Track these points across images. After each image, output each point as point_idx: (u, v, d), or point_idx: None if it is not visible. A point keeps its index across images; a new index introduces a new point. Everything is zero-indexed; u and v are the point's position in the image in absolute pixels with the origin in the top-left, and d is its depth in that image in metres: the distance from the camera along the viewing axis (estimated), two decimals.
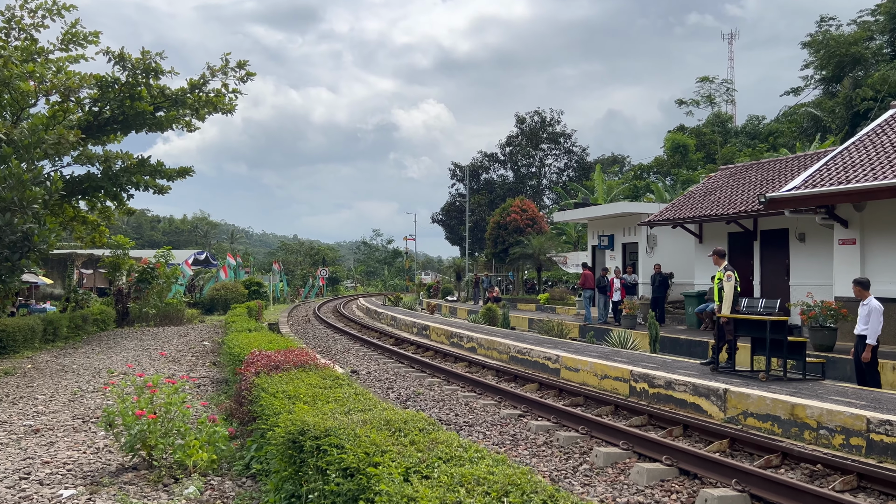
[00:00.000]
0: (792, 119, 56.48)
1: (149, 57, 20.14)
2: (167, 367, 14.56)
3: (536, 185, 57.77)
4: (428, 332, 19.74)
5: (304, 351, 8.72)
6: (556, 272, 36.40)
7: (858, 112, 49.27)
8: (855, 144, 15.80)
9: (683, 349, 16.40)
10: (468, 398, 9.60)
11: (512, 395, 9.34)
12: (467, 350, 16.21)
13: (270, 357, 7.95)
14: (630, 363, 11.17)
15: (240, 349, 10.39)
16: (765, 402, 8.00)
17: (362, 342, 18.13)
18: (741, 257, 18.96)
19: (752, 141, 57.17)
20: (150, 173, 23.19)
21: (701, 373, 10.14)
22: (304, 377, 7.21)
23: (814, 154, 19.53)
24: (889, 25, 56.38)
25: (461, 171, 58.43)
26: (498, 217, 34.96)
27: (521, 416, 8.36)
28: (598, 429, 7.31)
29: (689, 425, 7.62)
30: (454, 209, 57.80)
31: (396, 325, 23.71)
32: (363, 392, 6.50)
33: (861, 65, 55.37)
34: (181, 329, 24.78)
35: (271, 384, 6.95)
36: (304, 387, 6.67)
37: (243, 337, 11.67)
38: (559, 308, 27.34)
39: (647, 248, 22.33)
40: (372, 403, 6.00)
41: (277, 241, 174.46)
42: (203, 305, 37.33)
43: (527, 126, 57.81)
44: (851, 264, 14.95)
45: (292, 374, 7.47)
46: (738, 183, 19.81)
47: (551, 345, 14.33)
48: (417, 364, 13.31)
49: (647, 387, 9.95)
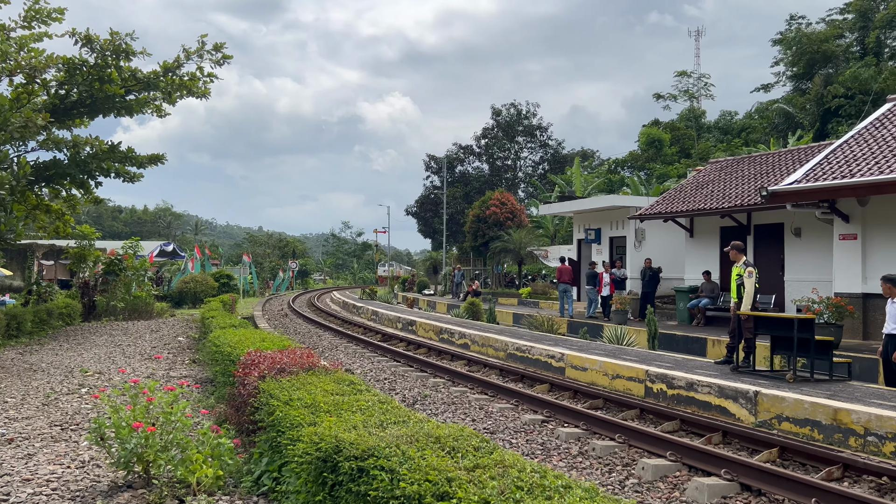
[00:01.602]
0: (764, 115, 56.94)
1: (118, 38, 19.05)
2: (144, 365, 13.70)
3: (512, 177, 57.34)
4: (415, 327, 19.09)
5: (307, 351, 8.02)
6: (534, 266, 35.99)
7: (830, 109, 49.80)
8: (854, 138, 15.55)
9: (680, 346, 16.02)
10: (480, 401, 8.99)
11: (529, 398, 8.76)
12: (459, 347, 15.61)
13: (275, 359, 7.24)
14: (641, 362, 10.69)
15: (231, 348, 9.63)
16: (802, 405, 7.54)
17: (349, 338, 17.42)
18: None
19: (724, 136, 57.51)
20: (121, 160, 22.10)
21: (721, 373, 9.68)
22: (317, 382, 6.53)
23: (807, 148, 19.32)
24: (859, 23, 57.13)
25: (436, 162, 57.71)
26: (477, 210, 34.40)
27: (545, 422, 7.79)
28: (636, 437, 6.77)
29: (728, 431, 7.13)
30: (429, 202, 57.08)
31: (379, 319, 23.02)
32: (388, 400, 5.84)
33: (831, 62, 56.01)
34: (152, 324, 23.76)
35: (281, 390, 6.26)
36: (321, 393, 6.01)
37: (231, 334, 10.87)
38: (542, 303, 26.90)
39: (636, 242, 21.98)
40: (403, 413, 5.37)
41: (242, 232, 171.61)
42: (172, 299, 36.12)
43: (502, 118, 57.30)
44: (852, 260, 14.71)
45: (302, 378, 6.78)
46: (730, 177, 19.52)
47: (551, 342, 13.81)
48: (414, 362, 12.67)
49: (666, 388, 9.46)
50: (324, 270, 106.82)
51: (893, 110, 16.17)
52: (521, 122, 57.29)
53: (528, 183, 55.61)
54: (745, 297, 10.16)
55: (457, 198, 53.50)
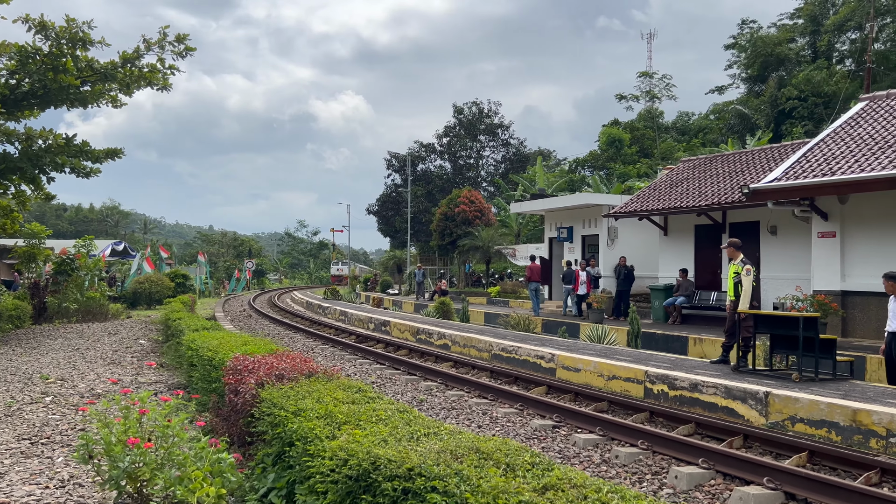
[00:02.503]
0: (720, 116, 57.96)
1: (75, 26, 18.07)
2: (108, 370, 12.92)
3: (475, 176, 57.08)
4: (388, 328, 18.59)
5: (300, 355, 7.51)
6: (500, 265, 35.77)
7: (784, 111, 50.90)
8: (831, 136, 15.65)
9: (660, 345, 15.90)
10: (481, 406, 8.58)
11: (533, 402, 8.39)
12: (439, 347, 15.19)
13: (272, 364, 6.71)
14: (637, 362, 10.43)
15: (211, 352, 9.00)
16: (818, 406, 7.35)
17: (323, 339, 16.82)
18: (709, 250, 18.70)
19: (682, 136, 58.35)
20: (76, 154, 21.03)
21: (722, 373, 9.48)
22: (323, 389, 6.03)
23: (779, 147, 19.47)
24: (809, 28, 58.59)
25: (398, 160, 57.08)
26: (445, 208, 33.97)
27: (557, 427, 7.43)
28: (659, 442, 6.46)
29: (748, 435, 6.87)
30: (390, 200, 56.41)
31: (348, 320, 22.42)
32: (407, 408, 5.38)
33: (784, 65, 57.32)
34: (108, 326, 22.71)
35: (286, 399, 5.75)
36: (331, 402, 5.52)
37: (209, 337, 10.21)
38: (512, 301, 26.64)
39: (608, 241, 21.87)
40: (431, 424, 4.92)
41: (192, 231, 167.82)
42: (126, 300, 34.78)
43: (464, 117, 57.02)
44: (831, 258, 14.78)
45: (304, 385, 6.27)
46: (704, 175, 19.54)
47: (536, 342, 13.49)
48: (399, 364, 12.20)
49: (668, 389, 9.20)
50: (279, 270, 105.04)
51: (867, 109, 16.34)
52: (482, 121, 57.09)
53: (490, 182, 55.44)
54: (743, 295, 9.98)
55: (419, 196, 53.01)
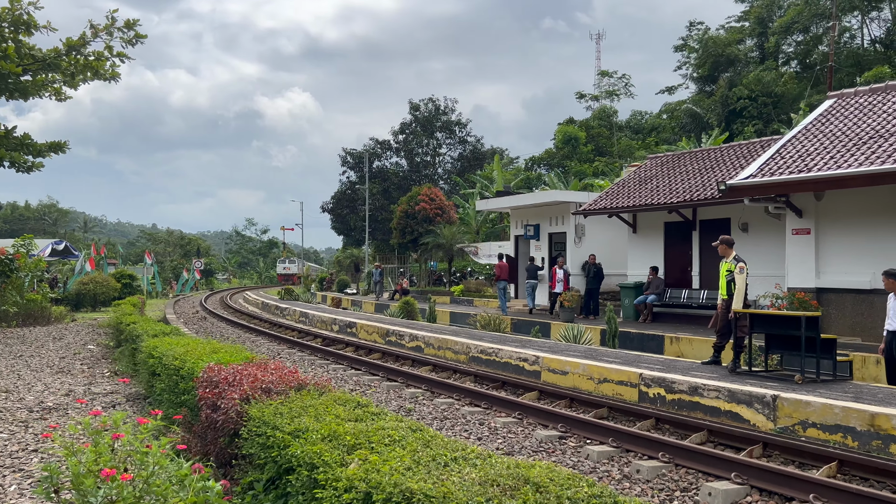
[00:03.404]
0: (672, 115, 58.72)
1: (19, 7, 16.83)
2: (57, 380, 11.93)
3: (432, 173, 56.47)
4: (355, 329, 17.89)
5: (282, 365, 6.84)
6: (460, 263, 35.31)
7: (735, 110, 51.85)
8: (803, 133, 15.62)
9: (635, 344, 15.65)
10: (475, 415, 8.04)
11: (532, 410, 7.87)
12: (411, 350, 14.59)
13: (255, 376, 6.04)
14: (627, 364, 10.05)
15: (178, 361, 8.20)
16: (832, 410, 7.04)
17: (287, 343, 16.03)
18: (679, 248, 18.57)
19: (636, 135, 58.95)
20: (15, 147, 19.71)
21: (720, 375, 9.15)
22: (318, 404, 5.39)
23: (747, 144, 19.47)
24: (757, 29, 59.85)
25: (353, 157, 56.04)
26: (405, 206, 33.32)
27: (563, 438, 6.93)
28: (680, 454, 6.02)
29: (768, 443, 6.50)
30: (345, 197, 55.33)
31: (310, 321, 21.62)
32: (421, 426, 4.80)
33: (734, 65, 58.42)
34: (52, 330, 21.42)
35: (279, 417, 5.11)
36: (333, 420, 4.89)
37: (171, 343, 9.37)
38: (476, 300, 26.20)
39: (576, 238, 21.60)
40: (453, 445, 4.36)
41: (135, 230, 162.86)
42: (69, 302, 33.10)
43: (421, 113, 56.34)
44: (805, 255, 14.72)
45: (296, 399, 5.61)
46: (673, 172, 19.41)
47: (517, 343, 13.02)
48: (377, 370, 11.55)
49: (665, 392, 8.82)
50: (228, 270, 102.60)
51: (835, 106, 16.39)
52: (439, 118, 56.51)
53: (447, 179, 54.94)
54: (737, 293, 9.68)
55: (375, 194, 52.17)
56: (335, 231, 62.95)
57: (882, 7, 53.67)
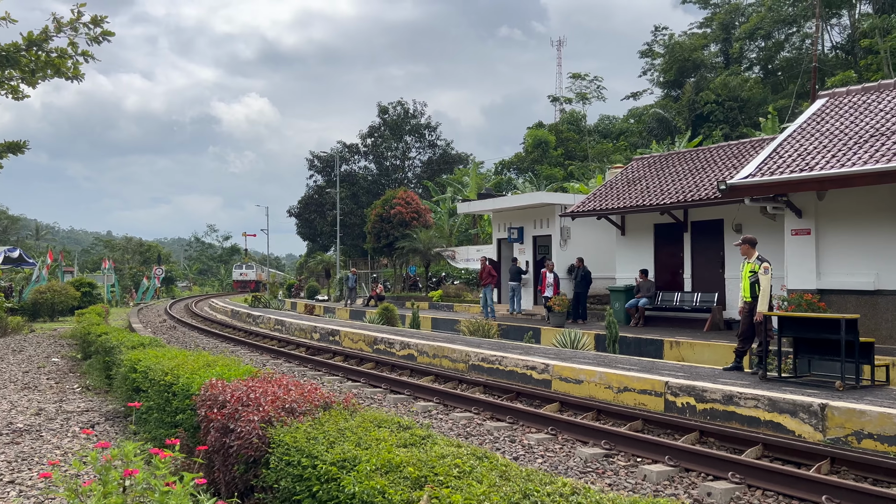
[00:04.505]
0: (639, 120, 59.01)
1: None
2: (24, 397, 10.93)
3: (401, 177, 55.67)
4: (338, 337, 17.08)
5: (298, 381, 6.10)
6: (435, 267, 34.63)
7: (701, 114, 52.29)
8: (799, 132, 15.36)
9: (633, 348, 15.15)
10: (502, 430, 7.37)
11: (565, 424, 7.23)
12: (403, 358, 13.87)
13: (275, 394, 5.29)
14: (646, 371, 9.51)
15: (170, 376, 7.36)
16: (891, 420, 6.57)
17: (270, 353, 15.16)
18: (670, 250, 18.21)
19: (603, 139, 59.09)
20: None
21: (751, 382, 8.66)
22: (355, 427, 4.67)
23: (737, 144, 19.22)
24: (721, 35, 60.58)
25: (321, 161, 54.91)
26: (380, 209, 32.50)
27: (609, 457, 6.31)
28: (753, 474, 5.44)
29: (836, 458, 5.98)
30: (313, 202, 54.17)
31: (287, 330, 20.70)
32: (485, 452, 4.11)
33: (699, 70, 59.00)
34: (10, 342, 20.14)
35: (312, 443, 4.39)
36: (381, 446, 4.18)
37: (156, 356, 8.48)
38: (457, 306, 25.54)
39: (561, 241, 21.12)
40: (537, 476, 3.71)
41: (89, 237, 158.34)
42: (25, 311, 31.49)
43: (389, 117, 55.50)
44: (805, 256, 14.43)
45: (326, 421, 4.87)
46: (663, 172, 19.06)
47: (520, 350, 12.40)
48: (376, 380, 10.79)
49: (694, 402, 8.29)
50: (189, 277, 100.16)
51: (828, 105, 16.21)
52: (408, 121, 55.77)
53: (417, 183, 54.24)
54: (762, 295, 9.21)
55: (343, 198, 51.16)
56: (301, 236, 61.70)
57: (841, 14, 54.75)
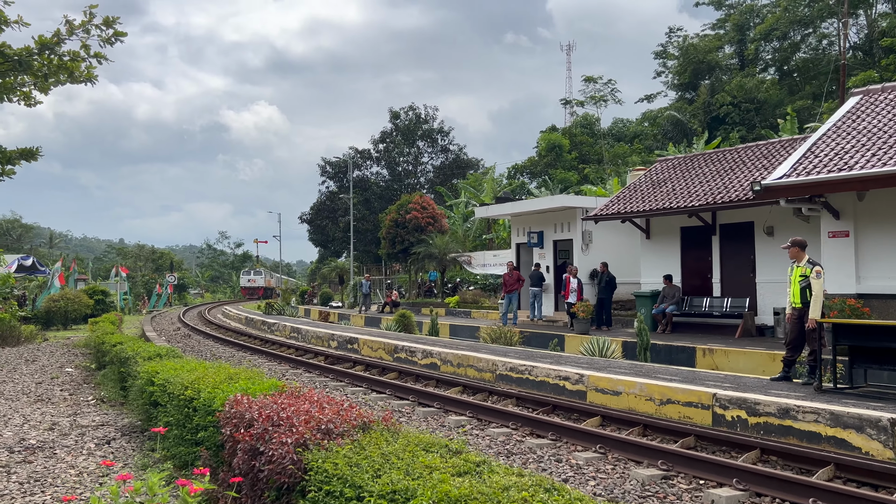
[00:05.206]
0: (654, 123, 58.39)
1: None
2: (37, 410, 10.54)
3: (414, 183, 55.27)
4: (357, 345, 16.64)
5: (329, 397, 5.63)
6: (450, 273, 34.16)
7: (717, 116, 51.64)
8: (833, 130, 14.83)
9: (662, 356, 14.62)
10: (545, 448, 6.87)
11: (614, 442, 6.73)
12: (425, 367, 13.41)
13: (309, 412, 4.83)
14: (689, 382, 9.00)
15: (189, 390, 6.91)
16: None
17: (290, 362, 14.73)
18: (698, 254, 17.66)
19: (617, 142, 58.47)
20: None
21: (807, 394, 8.13)
22: (399, 451, 4.19)
23: (766, 144, 18.66)
24: (736, 36, 59.92)
25: (333, 167, 54.63)
26: (395, 214, 32.06)
27: (667, 479, 5.82)
28: (835, 500, 4.94)
29: None
30: (325, 208, 53.88)
31: (303, 337, 20.28)
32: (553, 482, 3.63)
33: (714, 72, 58.35)
34: (23, 351, 19.82)
35: (356, 471, 3.91)
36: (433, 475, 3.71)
37: (174, 368, 8.03)
38: (474, 312, 25.05)
39: (583, 246, 20.61)
40: None
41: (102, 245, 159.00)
42: (39, 320, 31.28)
43: (401, 122, 55.17)
44: (844, 258, 13.86)
45: (368, 444, 4.40)
46: (689, 174, 18.53)
47: (550, 359, 11.91)
48: (402, 392, 10.32)
49: (746, 415, 7.77)
50: (201, 284, 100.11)
51: (863, 103, 15.66)
52: (420, 126, 55.41)
53: (429, 189, 53.83)
54: (814, 301, 8.68)
55: (356, 204, 50.85)
56: (313, 242, 61.39)
57: (859, 13, 54.00)
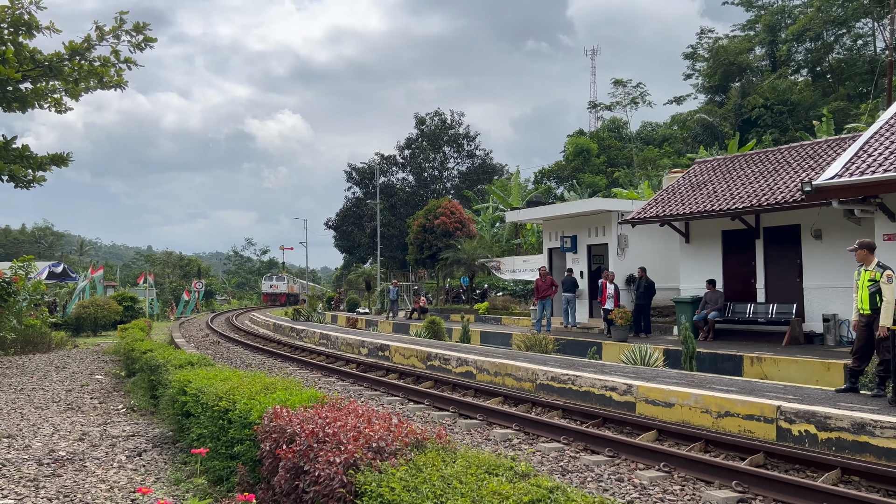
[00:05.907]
0: (683, 126, 57.52)
1: (20, 6, 15.31)
2: (66, 419, 10.28)
3: (440, 188, 54.99)
4: (388, 353, 16.27)
5: (374, 410, 5.24)
6: (478, 279, 33.74)
7: (749, 119, 50.66)
8: (887, 128, 14.19)
9: (707, 365, 14.04)
10: (602, 465, 6.41)
11: (679, 460, 6.24)
12: (460, 375, 12.99)
13: (358, 429, 4.43)
14: (748, 393, 8.47)
15: (224, 401, 6.56)
16: None
17: (321, 370, 14.39)
18: (741, 258, 17.05)
19: (646, 146, 57.69)
20: (14, 160, 18.15)
21: (881, 407, 7.58)
22: (460, 474, 3.77)
23: (811, 144, 18.00)
24: (767, 38, 58.86)
25: (359, 173, 54.54)
26: (423, 220, 31.73)
27: (744, 501, 5.33)
28: None
29: None
30: (351, 214, 53.77)
31: (333, 344, 19.97)
32: None
33: (745, 74, 57.34)
34: (53, 358, 19.73)
35: (415, 496, 3.52)
36: None
37: (207, 377, 7.68)
38: (505, 318, 24.57)
39: (619, 250, 20.06)
40: None
41: (130, 252, 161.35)
42: (69, 326, 31.42)
43: (427, 127, 54.94)
44: None
45: (425, 465, 3.99)
46: (730, 176, 17.92)
47: (594, 368, 11.42)
48: (441, 402, 9.90)
49: (815, 430, 7.24)
50: (227, 291, 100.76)
51: None
52: (446, 132, 55.13)
53: (456, 194, 53.50)
54: (885, 307, 8.11)
55: (382, 210, 50.69)
56: (339, 249, 61.34)
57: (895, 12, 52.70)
